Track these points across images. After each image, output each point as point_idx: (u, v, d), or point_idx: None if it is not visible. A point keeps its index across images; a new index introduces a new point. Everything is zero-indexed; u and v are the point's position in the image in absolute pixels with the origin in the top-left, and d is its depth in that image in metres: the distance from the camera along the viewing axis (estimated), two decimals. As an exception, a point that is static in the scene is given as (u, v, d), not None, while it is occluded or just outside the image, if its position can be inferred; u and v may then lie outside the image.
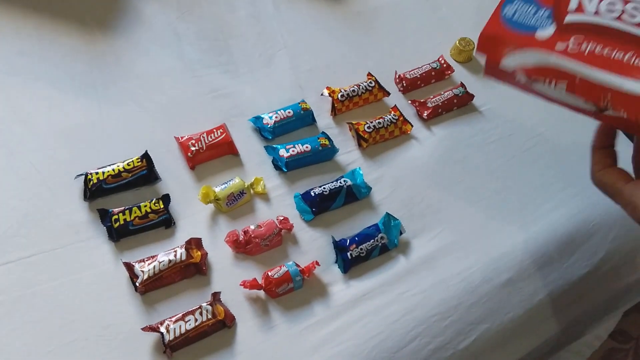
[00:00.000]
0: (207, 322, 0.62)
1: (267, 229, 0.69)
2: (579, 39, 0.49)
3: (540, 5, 0.52)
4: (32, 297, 0.62)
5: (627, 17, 0.49)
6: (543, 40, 0.51)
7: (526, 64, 0.52)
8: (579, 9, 0.50)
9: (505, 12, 0.54)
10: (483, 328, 0.69)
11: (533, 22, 0.52)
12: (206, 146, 0.75)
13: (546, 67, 0.50)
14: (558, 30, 0.51)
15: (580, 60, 0.49)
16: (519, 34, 0.52)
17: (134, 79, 0.82)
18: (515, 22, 0.53)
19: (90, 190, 0.69)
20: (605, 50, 0.49)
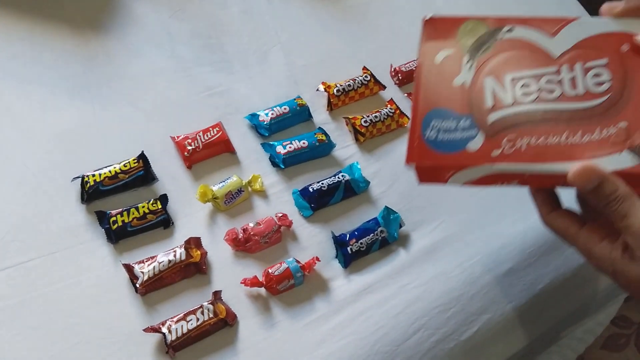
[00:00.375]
0: (208, 321, 0.62)
1: (266, 226, 0.69)
2: (511, 139, 0.47)
3: (459, 115, 0.49)
4: (32, 302, 0.62)
5: (546, 95, 0.47)
6: (477, 153, 0.47)
7: (472, 178, 0.49)
8: (497, 104, 0.48)
9: (428, 136, 0.49)
10: (485, 318, 0.69)
11: (459, 136, 0.48)
12: (202, 145, 0.74)
13: (492, 175, 0.48)
14: (486, 136, 0.47)
15: (522, 160, 0.46)
16: (451, 155, 0.48)
17: (127, 80, 0.82)
18: (442, 143, 0.48)
19: (87, 193, 0.68)
20: (540, 139, 0.46)
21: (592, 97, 0.47)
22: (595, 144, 0.46)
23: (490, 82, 0.49)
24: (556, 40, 0.49)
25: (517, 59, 0.49)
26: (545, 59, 0.48)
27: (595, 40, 0.48)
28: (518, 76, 0.48)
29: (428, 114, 0.49)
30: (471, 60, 0.50)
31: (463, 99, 0.49)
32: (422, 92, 0.50)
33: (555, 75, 0.48)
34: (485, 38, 0.50)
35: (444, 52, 0.51)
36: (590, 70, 0.48)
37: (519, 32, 0.50)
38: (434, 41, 0.51)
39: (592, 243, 0.48)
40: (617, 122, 0.46)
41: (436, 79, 0.50)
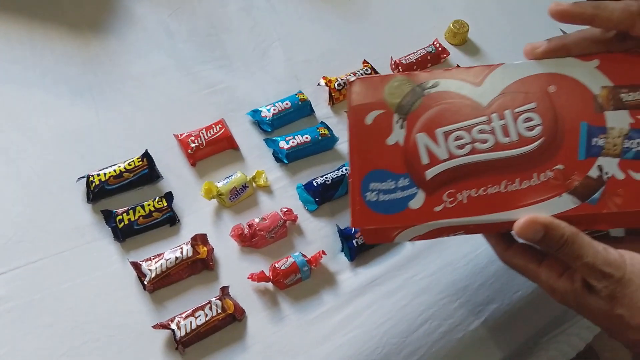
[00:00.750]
0: (217, 317, 0.62)
1: (271, 221, 0.69)
2: (451, 194, 0.47)
3: (396, 175, 0.48)
4: (41, 302, 0.62)
5: (480, 145, 0.47)
6: (419, 210, 0.47)
7: (418, 234, 0.50)
8: (433, 160, 0.48)
9: (368, 199, 0.49)
10: (492, 308, 0.69)
11: (399, 195, 0.48)
12: (206, 142, 0.75)
13: (437, 229, 0.48)
14: (426, 193, 0.47)
15: (464, 214, 0.46)
16: (394, 216, 0.48)
17: (129, 80, 0.82)
18: (383, 204, 0.48)
19: (93, 192, 0.69)
20: (480, 190, 0.47)
21: (525, 143, 0.47)
22: (535, 189, 0.46)
23: (422, 139, 0.48)
24: (482, 89, 0.48)
25: (447, 112, 0.48)
26: (475, 109, 0.48)
27: (522, 84, 0.48)
28: (449, 129, 0.48)
29: (366, 177, 0.49)
30: (401, 118, 0.49)
31: (398, 159, 0.49)
32: (357, 154, 0.50)
33: (486, 125, 0.47)
34: (411, 95, 0.49)
35: (374, 113, 0.50)
36: (520, 115, 0.47)
37: (444, 85, 0.49)
38: (362, 102, 0.50)
39: (553, 279, 0.48)
40: (553, 166, 0.46)
41: (369, 140, 0.50)
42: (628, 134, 0.46)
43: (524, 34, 0.99)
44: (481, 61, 0.93)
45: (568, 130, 0.47)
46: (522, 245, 0.51)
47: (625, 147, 0.46)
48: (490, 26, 0.98)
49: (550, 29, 1.01)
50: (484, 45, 0.95)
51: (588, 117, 0.47)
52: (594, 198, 0.45)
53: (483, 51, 0.95)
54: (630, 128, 0.46)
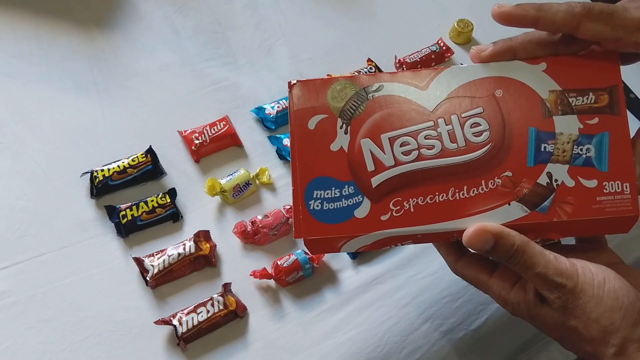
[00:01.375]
0: (219, 313, 0.62)
1: (274, 218, 0.69)
2: (398, 202, 0.45)
3: (341, 183, 0.46)
4: (44, 296, 0.63)
5: (426, 152, 0.46)
6: (365, 220, 0.46)
7: (365, 244, 0.48)
8: (378, 167, 0.46)
9: (312, 207, 0.47)
10: (494, 308, 0.69)
11: (344, 204, 0.46)
12: (209, 139, 0.75)
13: (385, 238, 0.47)
14: (372, 202, 0.46)
15: (412, 224, 0.45)
16: (339, 225, 0.46)
17: (134, 76, 0.82)
18: (328, 213, 0.46)
19: (97, 188, 0.69)
20: (427, 199, 0.45)
21: (473, 149, 0.45)
22: (483, 197, 0.45)
23: (367, 144, 0.46)
24: (428, 93, 0.47)
25: (392, 117, 0.47)
26: (420, 114, 0.46)
27: (468, 88, 0.46)
28: (395, 135, 0.46)
29: (309, 184, 0.47)
30: (344, 123, 0.47)
31: (343, 165, 0.47)
32: (300, 161, 0.47)
33: (433, 130, 0.46)
34: (355, 99, 0.48)
35: (316, 117, 0.48)
36: (467, 120, 0.46)
37: (389, 89, 0.47)
38: (304, 106, 0.48)
39: (504, 291, 0.47)
40: (501, 172, 0.45)
41: (312, 146, 0.47)
42: (577, 139, 0.45)
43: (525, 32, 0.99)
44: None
45: (516, 135, 0.45)
46: (473, 256, 0.50)
47: (575, 153, 0.45)
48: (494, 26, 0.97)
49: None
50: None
51: (536, 123, 0.45)
52: (543, 206, 0.44)
53: (488, 51, 0.94)
54: (579, 134, 0.45)
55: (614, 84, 0.47)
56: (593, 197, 0.44)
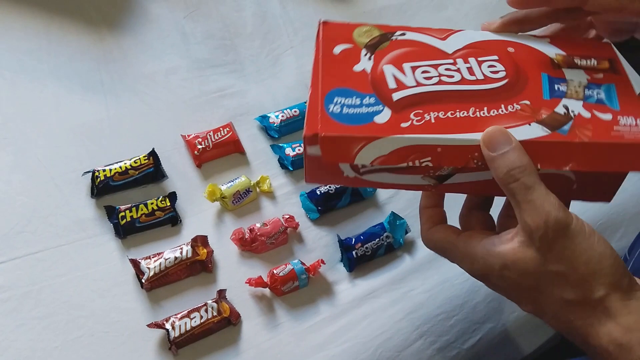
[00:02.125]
0: (212, 319, 0.62)
1: (272, 227, 0.69)
2: (419, 113, 0.46)
3: (362, 93, 0.47)
4: (39, 293, 0.63)
5: (447, 79, 0.47)
6: (385, 125, 0.45)
7: (383, 152, 0.47)
8: (400, 86, 0.47)
9: (332, 110, 0.46)
10: (488, 327, 0.69)
11: (365, 111, 0.46)
12: (212, 144, 0.75)
13: (404, 149, 0.46)
14: (393, 111, 0.46)
15: (432, 132, 0.45)
16: (358, 127, 0.46)
17: (141, 78, 0.82)
18: (347, 116, 0.46)
19: (97, 188, 0.69)
20: (448, 113, 0.46)
21: (491, 82, 0.47)
22: (503, 117, 0.45)
23: (390, 69, 0.48)
24: (447, 42, 0.50)
25: (414, 53, 0.49)
26: (440, 54, 0.49)
27: (483, 43, 0.50)
28: (416, 65, 0.48)
29: (330, 92, 0.47)
30: (369, 52, 0.49)
31: (365, 82, 0.47)
32: (322, 76, 0.48)
33: (452, 65, 0.48)
34: (380, 38, 0.50)
35: (342, 46, 0.50)
36: (483, 62, 0.48)
37: (410, 36, 0.50)
38: (330, 39, 0.51)
39: (472, 244, 0.45)
40: (520, 100, 0.46)
41: (336, 66, 0.49)
42: (587, 85, 0.47)
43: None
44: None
45: (530, 77, 0.47)
46: (447, 225, 0.50)
47: (587, 94, 0.47)
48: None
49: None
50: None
51: (548, 71, 0.48)
52: (563, 129, 0.44)
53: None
54: (588, 82, 0.48)
55: (612, 57, 0.50)
56: (610, 127, 0.45)
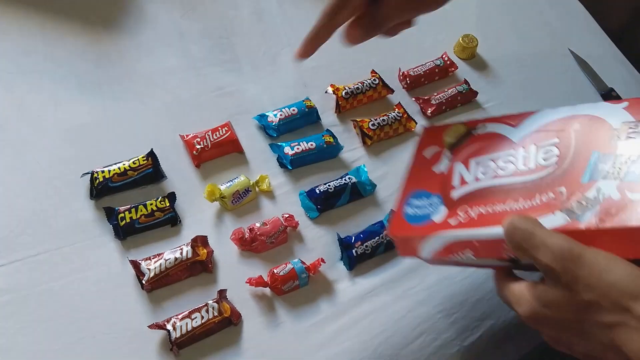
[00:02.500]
0: (213, 320, 0.62)
1: (272, 226, 0.69)
2: (466, 209, 0.52)
3: (431, 193, 0.56)
4: (39, 296, 0.63)
5: (501, 172, 0.52)
6: (438, 223, 0.53)
7: (436, 248, 0.54)
8: (461, 183, 0.54)
9: (406, 211, 0.57)
10: (488, 324, 0.69)
11: (428, 210, 0.55)
12: (211, 144, 0.75)
13: (450, 244, 0.52)
14: (448, 209, 0.53)
15: (472, 226, 0.50)
16: (419, 226, 0.55)
17: (138, 78, 0.82)
18: (414, 217, 0.56)
19: (97, 189, 0.69)
20: (489, 208, 0.51)
21: (540, 170, 0.50)
22: (534, 208, 0.48)
23: (458, 167, 0.56)
24: (518, 129, 0.54)
25: (484, 147, 0.55)
26: (507, 144, 0.54)
27: (551, 125, 0.53)
28: (480, 160, 0.55)
29: (409, 195, 0.58)
30: (449, 152, 0.58)
31: (437, 182, 0.56)
32: (409, 179, 0.60)
33: (512, 156, 0.53)
34: (463, 136, 0.58)
35: (432, 149, 0.60)
36: (541, 149, 0.51)
37: (489, 128, 0.57)
38: (427, 142, 0.61)
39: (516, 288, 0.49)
40: (557, 187, 0.48)
41: (422, 168, 0.59)
42: (637, 160, 0.46)
43: (532, 52, 0.99)
44: (488, 77, 0.93)
45: (580, 159, 0.49)
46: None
47: (630, 170, 0.46)
48: (498, 42, 0.99)
49: (559, 48, 1.02)
50: (492, 61, 0.96)
51: (601, 147, 0.49)
52: (585, 215, 0.45)
53: (491, 66, 0.95)
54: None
55: None
56: (636, 209, 0.44)
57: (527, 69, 0.96)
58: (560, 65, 0.99)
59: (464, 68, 0.94)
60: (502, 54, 0.97)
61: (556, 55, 1.00)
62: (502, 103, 0.90)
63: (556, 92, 0.94)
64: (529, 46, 1.00)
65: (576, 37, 1.04)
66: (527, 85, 0.94)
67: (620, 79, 0.99)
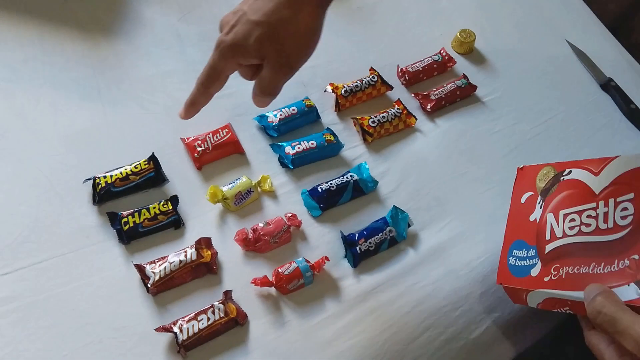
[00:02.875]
0: (219, 321, 0.62)
1: (275, 226, 0.69)
2: (557, 267, 0.55)
3: (529, 245, 0.60)
4: (45, 302, 0.63)
5: (584, 228, 0.55)
6: (535, 278, 0.57)
7: (539, 301, 0.58)
8: (552, 237, 0.57)
9: (510, 262, 0.61)
10: (494, 317, 0.69)
11: (527, 263, 0.59)
12: (212, 146, 0.75)
13: (549, 299, 0.56)
14: (542, 264, 0.57)
15: (563, 288, 0.54)
16: (521, 279, 0.59)
17: (137, 82, 0.82)
18: (517, 268, 0.60)
19: (99, 194, 0.69)
20: (575, 269, 0.54)
21: (616, 231, 0.52)
22: (612, 275, 0.51)
23: (550, 218, 0.59)
24: (599, 178, 0.56)
25: (570, 197, 0.58)
26: (590, 196, 0.56)
27: (629, 175, 0.54)
28: (568, 212, 0.57)
29: (512, 244, 0.63)
30: (541, 200, 0.61)
31: (533, 232, 0.60)
32: (510, 226, 0.65)
33: (593, 211, 0.55)
34: (552, 181, 0.61)
35: (527, 194, 0.64)
36: (619, 204, 0.53)
37: (574, 174, 0.59)
38: (522, 185, 0.65)
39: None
40: (630, 255, 0.50)
41: (520, 215, 0.64)
42: None
43: (530, 44, 0.99)
44: (486, 70, 0.93)
45: None
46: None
47: None
48: (496, 36, 0.99)
49: (556, 40, 1.02)
50: (489, 55, 0.96)
51: None
52: None
53: (489, 61, 0.95)
54: None
55: None
56: None
57: (525, 62, 0.96)
58: (558, 56, 0.99)
59: (462, 63, 0.94)
60: (499, 47, 0.97)
61: (554, 47, 1.00)
62: (502, 96, 0.90)
63: (554, 84, 0.94)
64: (526, 38, 1.00)
65: (573, 28, 1.04)
66: (526, 78, 0.94)
67: (619, 69, 0.99)
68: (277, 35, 0.49)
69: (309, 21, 0.52)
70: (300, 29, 0.49)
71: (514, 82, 0.93)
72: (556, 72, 0.96)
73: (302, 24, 0.50)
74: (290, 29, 0.49)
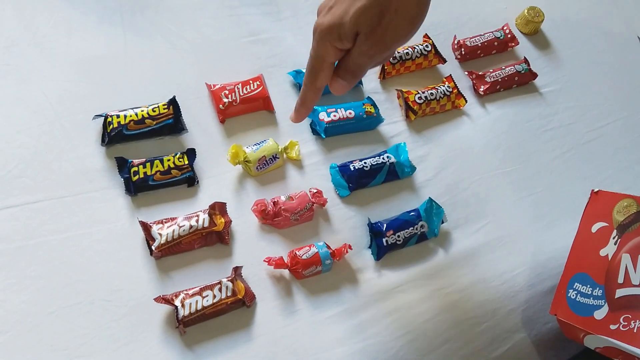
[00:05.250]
0: (225, 300, 0.56)
1: (299, 202, 0.62)
2: (627, 318, 0.51)
3: (595, 283, 0.55)
4: (35, 249, 0.56)
5: None
6: (599, 322, 0.53)
7: (598, 345, 0.54)
8: (626, 282, 0.52)
9: (569, 295, 0.57)
10: (519, 337, 0.64)
11: (591, 302, 0.55)
12: (240, 99, 0.67)
13: (611, 347, 0.52)
14: (610, 309, 0.52)
15: (633, 343, 0.49)
16: (581, 318, 0.55)
17: (164, 11, 0.73)
18: (577, 304, 0.56)
19: (109, 135, 0.61)
20: None
21: None
22: None
23: (626, 259, 0.53)
24: None
25: None
26: None
27: None
28: None
29: (574, 276, 0.58)
30: (618, 235, 0.55)
31: (602, 270, 0.55)
32: (574, 254, 0.59)
33: None
34: (634, 217, 0.55)
35: (600, 224, 0.58)
36: None
37: None
38: (595, 211, 0.59)
39: None
40: None
41: (588, 245, 0.58)
42: None
43: (598, 34, 0.90)
44: (549, 57, 0.84)
45: None
46: None
47: None
48: (565, 21, 0.89)
49: (628, 33, 0.92)
50: (555, 41, 0.86)
51: None
52: None
53: (554, 47, 0.86)
54: None
55: None
56: None
57: (592, 55, 0.87)
58: (629, 56, 0.89)
59: (525, 44, 0.84)
60: (567, 34, 0.88)
61: (626, 46, 0.90)
62: (561, 90, 0.82)
63: (620, 85, 0.85)
64: (597, 29, 0.90)
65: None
66: (591, 72, 0.85)
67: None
68: (378, 8, 0.41)
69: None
70: (407, 5, 0.41)
71: (576, 76, 0.84)
72: (624, 73, 0.87)
73: (409, 2, 0.42)
74: (394, 2, 0.41)
